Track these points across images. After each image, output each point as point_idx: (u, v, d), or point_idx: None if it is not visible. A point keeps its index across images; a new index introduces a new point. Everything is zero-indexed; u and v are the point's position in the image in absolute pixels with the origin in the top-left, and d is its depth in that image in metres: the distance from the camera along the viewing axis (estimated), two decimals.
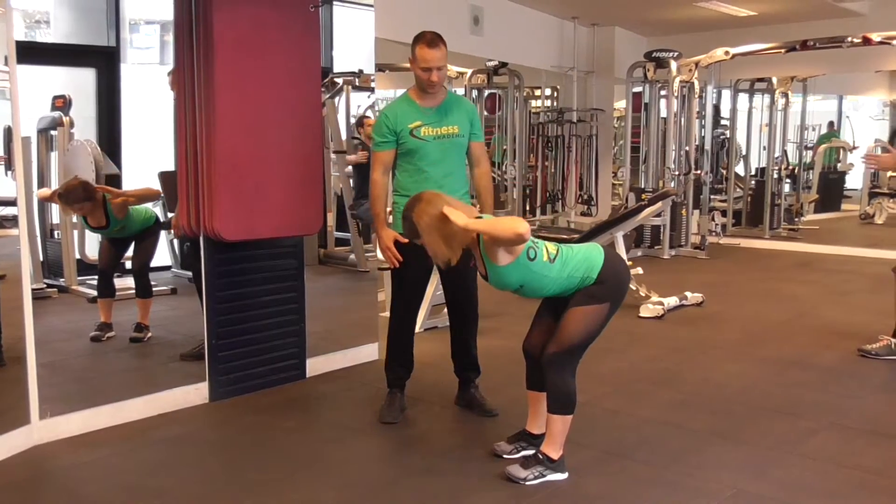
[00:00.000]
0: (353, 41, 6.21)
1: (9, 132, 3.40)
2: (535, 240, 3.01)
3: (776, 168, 10.48)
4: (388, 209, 3.88)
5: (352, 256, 7.21)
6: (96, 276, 4.67)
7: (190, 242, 4.20)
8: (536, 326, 3.22)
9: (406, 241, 3.64)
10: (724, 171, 11.05)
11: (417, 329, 5.32)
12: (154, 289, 4.83)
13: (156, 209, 5.40)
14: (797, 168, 12.07)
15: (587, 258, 3.02)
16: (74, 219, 4.69)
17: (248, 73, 3.84)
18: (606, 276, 3.00)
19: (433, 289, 5.20)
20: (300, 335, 4.41)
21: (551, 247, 3.02)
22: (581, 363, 3.10)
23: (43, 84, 4.62)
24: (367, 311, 5.14)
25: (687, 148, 9.53)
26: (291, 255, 4.35)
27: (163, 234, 4.99)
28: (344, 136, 7.52)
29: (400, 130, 3.65)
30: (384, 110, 3.76)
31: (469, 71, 9.42)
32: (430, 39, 3.58)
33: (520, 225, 2.76)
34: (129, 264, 4.78)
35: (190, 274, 4.70)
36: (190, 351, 4.36)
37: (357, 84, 6.78)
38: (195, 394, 4.05)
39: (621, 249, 6.27)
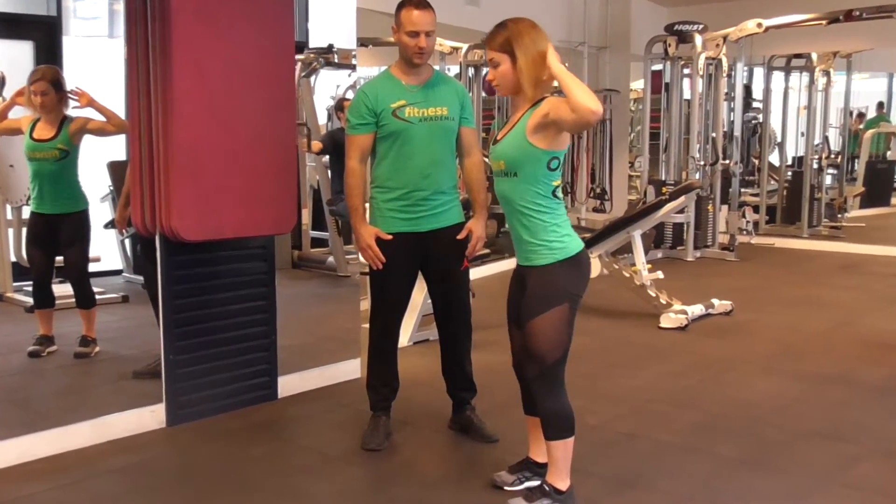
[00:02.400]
0: (331, 12, 6.21)
1: None
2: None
3: (816, 157, 10.52)
4: (367, 204, 3.88)
5: (330, 259, 7.23)
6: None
7: (143, 243, 4.20)
8: (513, 341, 3.24)
9: (389, 237, 3.66)
10: (757, 161, 11.10)
11: (406, 342, 5.35)
12: (102, 296, 4.83)
13: (104, 203, 5.40)
14: (840, 157, 12.12)
15: (569, 238, 3.04)
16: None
17: (211, 47, 3.84)
18: (564, 268, 2.99)
19: (423, 295, 5.21)
20: (270, 350, 4.42)
21: (561, 194, 3.07)
22: (591, 381, 3.12)
23: None
24: (348, 321, 5.14)
25: (714, 134, 9.56)
26: (261, 257, 4.35)
27: (113, 233, 5.00)
28: (323, 121, 7.53)
29: (381, 111, 3.65)
30: (362, 88, 3.76)
31: (464, 46, 9.43)
32: (417, 1, 3.60)
33: (597, 103, 2.77)
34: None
35: (143, 279, 4.71)
36: (144, 368, 4.35)
37: (336, 61, 6.79)
38: (150, 417, 4.05)
39: (639, 250, 6.30)
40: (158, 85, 3.78)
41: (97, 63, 5.13)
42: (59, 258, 4.69)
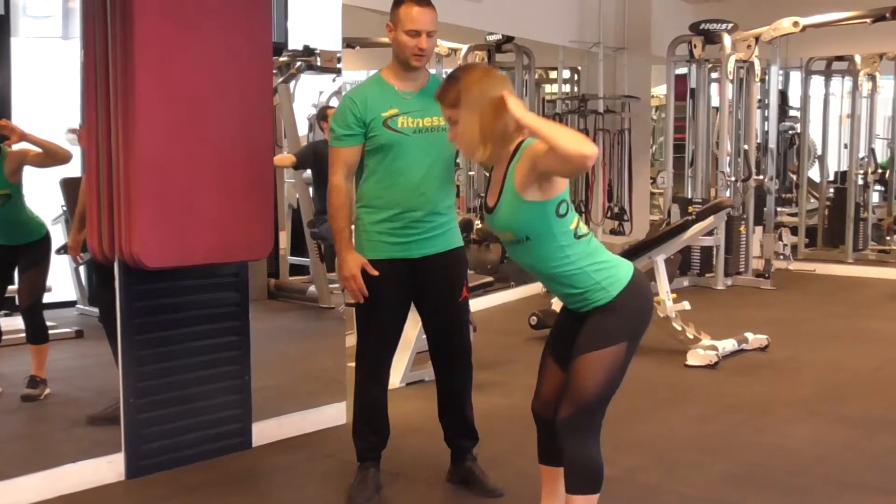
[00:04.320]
0: (313, 9, 6.26)
1: None
2: (570, 202, 3.03)
3: (861, 172, 10.55)
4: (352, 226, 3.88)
5: (311, 289, 7.22)
6: None
7: (100, 270, 4.20)
8: (544, 379, 3.22)
9: (376, 273, 3.65)
10: (794, 177, 11.13)
11: (398, 383, 5.35)
12: (54, 331, 4.83)
13: (56, 225, 5.40)
14: (888, 172, 12.15)
15: (614, 266, 3.03)
16: None
17: (178, 50, 3.86)
18: (627, 299, 3.00)
19: (417, 330, 5.20)
20: (244, 392, 4.41)
21: (584, 226, 3.06)
22: (608, 426, 3.10)
23: None
24: (332, 360, 5.14)
25: (746, 146, 9.60)
26: (233, 286, 4.35)
27: (66, 260, 5.00)
28: (303, 132, 7.55)
29: (370, 120, 3.65)
30: (349, 94, 3.77)
31: (464, 47, 9.48)
32: None
33: (588, 145, 2.73)
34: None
35: (99, 311, 4.70)
36: (101, 412, 4.34)
37: (318, 64, 6.83)
38: (108, 469, 4.03)
39: (662, 278, 6.30)
40: (118, 91, 3.80)
41: (49, 67, 5.15)
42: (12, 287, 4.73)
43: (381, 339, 3.83)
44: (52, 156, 4.53)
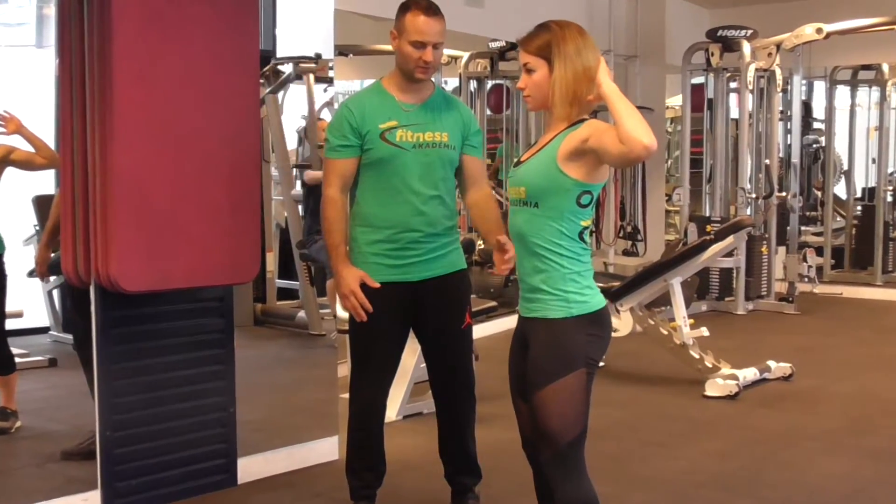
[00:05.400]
0: (303, 16, 6.29)
1: None
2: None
3: (890, 188, 10.58)
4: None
5: (301, 314, 7.22)
6: None
7: (74, 294, 4.20)
8: (519, 418, 3.20)
9: (377, 285, 3.65)
10: (819, 193, 11.14)
11: (395, 416, 5.34)
12: (25, 359, 4.83)
13: (28, 246, 5.40)
14: None
15: (593, 293, 3.03)
16: None
17: (159, 58, 3.88)
18: (585, 324, 2.98)
19: (415, 359, 5.20)
20: (229, 425, 4.40)
21: (590, 240, 3.06)
22: (621, 462, 3.11)
23: None
24: (323, 391, 5.13)
25: (767, 161, 9.62)
26: (217, 311, 4.35)
27: (39, 283, 5.00)
28: (292, 146, 7.57)
29: (367, 132, 3.67)
30: (346, 102, 3.78)
31: (465, 55, 9.52)
32: (426, 5, 3.62)
33: (650, 135, 2.76)
34: None
35: (74, 339, 4.70)
36: (75, 447, 4.33)
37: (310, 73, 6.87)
38: None
39: (679, 302, 6.30)
40: (96, 103, 3.81)
41: (22, 77, 5.18)
42: None
43: (377, 369, 3.83)
44: (42, 155, 4.50)
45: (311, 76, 6.79)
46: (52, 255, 4.66)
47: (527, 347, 3.04)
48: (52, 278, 5.21)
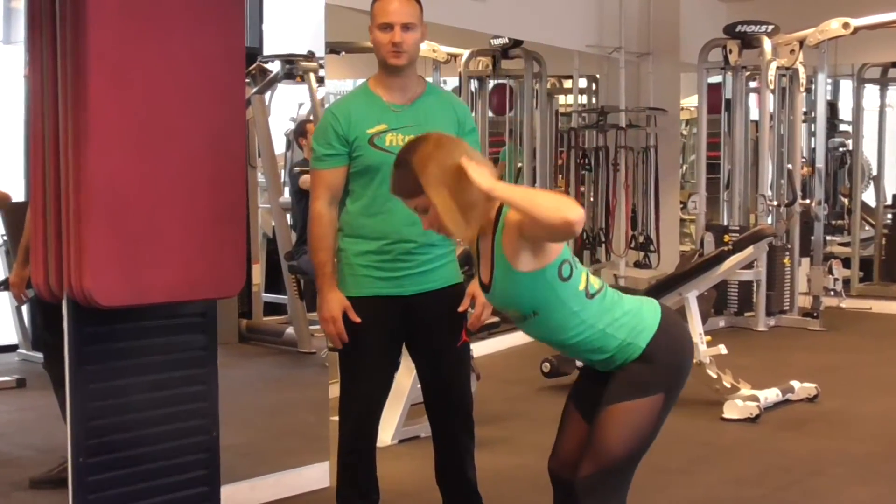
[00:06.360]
0: (292, 11, 6.29)
1: None
2: (574, 258, 3.03)
3: None
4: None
5: (289, 331, 7.22)
6: None
7: (45, 310, 4.20)
8: (566, 433, 3.21)
9: (359, 320, 3.64)
10: (846, 201, 11.15)
11: (389, 440, 5.33)
12: None
13: None
14: None
15: (637, 314, 3.04)
16: None
17: (138, 57, 3.87)
18: (659, 347, 3.01)
19: (411, 379, 5.20)
20: (211, 450, 4.39)
21: (595, 280, 3.06)
22: (634, 491, 3.10)
23: None
24: (313, 413, 5.13)
25: (790, 166, 9.62)
26: (199, 328, 4.34)
27: (6, 297, 5.00)
28: (280, 150, 7.58)
29: (354, 138, 3.67)
30: (331, 107, 3.79)
31: (466, 53, 9.54)
32: None
33: (572, 208, 2.70)
34: None
35: (44, 357, 4.69)
36: (45, 474, 4.32)
37: (298, 72, 6.87)
38: None
39: (695, 318, 6.30)
40: (69, 103, 3.81)
41: None
42: None
43: (369, 390, 3.82)
44: None
45: (312, 75, 6.79)
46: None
47: (607, 372, 3.07)
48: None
